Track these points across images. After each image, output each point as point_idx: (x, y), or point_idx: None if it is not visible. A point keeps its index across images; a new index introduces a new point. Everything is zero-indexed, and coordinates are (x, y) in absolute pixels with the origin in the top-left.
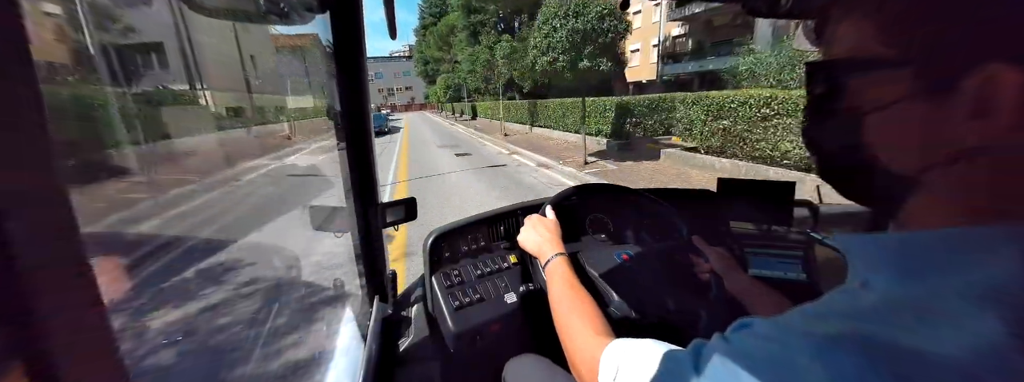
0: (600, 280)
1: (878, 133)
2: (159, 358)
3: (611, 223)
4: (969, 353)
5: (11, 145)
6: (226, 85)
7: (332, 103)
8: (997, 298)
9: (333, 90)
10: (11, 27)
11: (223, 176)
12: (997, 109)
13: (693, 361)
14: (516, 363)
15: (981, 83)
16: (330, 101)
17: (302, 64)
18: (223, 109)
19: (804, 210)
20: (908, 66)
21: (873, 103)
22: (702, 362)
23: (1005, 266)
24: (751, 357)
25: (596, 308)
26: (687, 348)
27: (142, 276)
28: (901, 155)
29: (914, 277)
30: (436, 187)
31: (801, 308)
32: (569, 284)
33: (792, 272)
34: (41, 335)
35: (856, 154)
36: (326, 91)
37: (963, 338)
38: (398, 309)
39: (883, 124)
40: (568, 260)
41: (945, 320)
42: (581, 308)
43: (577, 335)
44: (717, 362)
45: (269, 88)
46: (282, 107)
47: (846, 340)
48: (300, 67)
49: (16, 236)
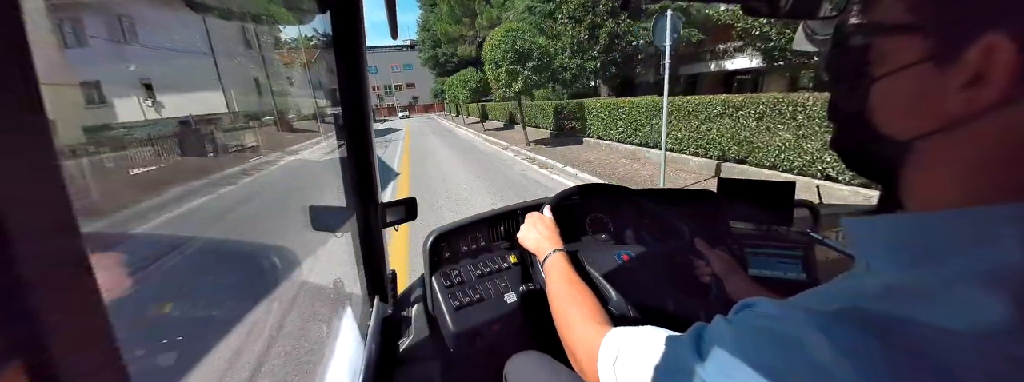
0: (600, 279)
1: (882, 98)
2: (159, 358)
3: (611, 223)
4: (973, 333)
5: (11, 145)
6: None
7: (332, 103)
8: (1002, 280)
9: (333, 90)
10: (11, 27)
11: (223, 176)
12: (987, 80)
13: (694, 344)
14: (517, 360)
15: (982, 52)
16: (331, 101)
17: (303, 65)
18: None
19: (804, 210)
20: (923, 30)
21: (884, 68)
22: (703, 344)
23: (1010, 248)
24: (755, 335)
25: (595, 300)
26: (688, 331)
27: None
28: (899, 122)
29: (918, 258)
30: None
31: (807, 292)
32: (567, 278)
33: (792, 272)
34: (41, 335)
35: (862, 119)
36: (327, 91)
37: (967, 318)
38: (398, 309)
39: (888, 90)
40: (567, 256)
41: (949, 301)
42: (579, 300)
43: (576, 326)
44: (719, 342)
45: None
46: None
47: (851, 316)
48: (300, 68)
49: (16, 236)
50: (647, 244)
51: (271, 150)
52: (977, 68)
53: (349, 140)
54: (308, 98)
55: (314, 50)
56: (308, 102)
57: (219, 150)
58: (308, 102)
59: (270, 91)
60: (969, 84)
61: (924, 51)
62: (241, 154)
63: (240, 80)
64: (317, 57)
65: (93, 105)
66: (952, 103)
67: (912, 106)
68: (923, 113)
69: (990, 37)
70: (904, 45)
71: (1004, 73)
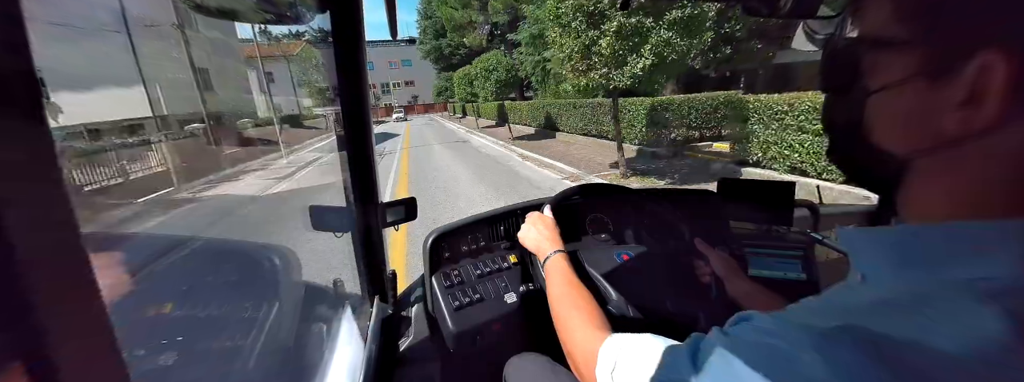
0: (600, 279)
1: (878, 113)
2: (159, 358)
3: (611, 223)
4: (968, 348)
5: (11, 145)
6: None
7: (332, 103)
8: (998, 294)
9: (333, 90)
10: (11, 27)
11: (224, 175)
12: (984, 99)
13: (691, 355)
14: (517, 361)
15: (977, 69)
16: (330, 101)
17: (304, 65)
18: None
19: (804, 210)
20: (917, 46)
21: (878, 82)
22: (700, 356)
23: (1006, 262)
24: (750, 350)
25: (595, 304)
26: (685, 342)
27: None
28: (895, 137)
29: (913, 271)
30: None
31: (802, 303)
32: (568, 281)
33: (792, 272)
34: (41, 335)
35: (858, 133)
36: (326, 91)
37: (962, 333)
38: (398, 309)
39: (884, 105)
40: (567, 257)
41: (944, 315)
42: (580, 304)
43: (575, 330)
44: (715, 356)
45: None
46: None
47: (845, 334)
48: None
49: (16, 236)
50: (647, 244)
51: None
52: (973, 87)
53: (349, 140)
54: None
55: (313, 50)
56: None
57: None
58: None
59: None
60: (965, 103)
61: (918, 67)
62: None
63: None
64: (316, 58)
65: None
66: (948, 121)
67: (907, 122)
68: (919, 130)
69: (986, 55)
70: (898, 60)
71: (1001, 92)
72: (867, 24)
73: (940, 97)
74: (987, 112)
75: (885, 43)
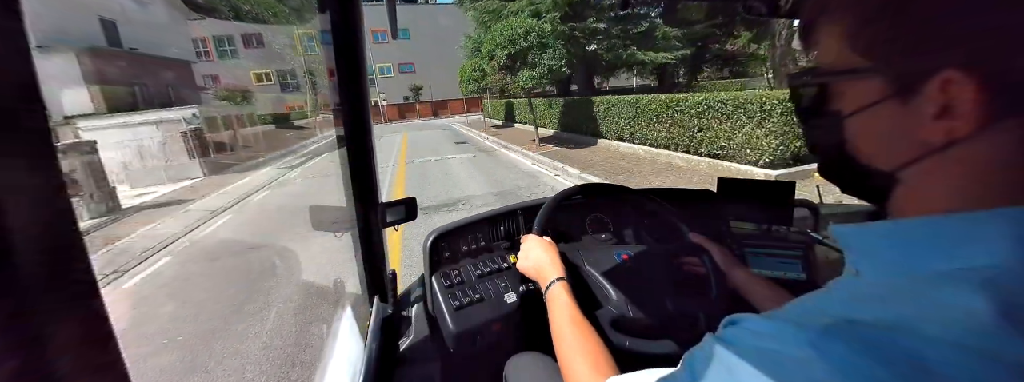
0: (600, 279)
1: (858, 134)
2: (160, 358)
3: (611, 223)
4: (958, 335)
5: (11, 145)
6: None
7: (332, 103)
8: (985, 283)
9: (333, 90)
10: (11, 27)
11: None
12: (955, 111)
13: (689, 372)
14: (517, 360)
15: (940, 86)
16: (330, 101)
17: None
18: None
19: (804, 210)
20: (876, 72)
21: (850, 106)
22: (697, 368)
23: (993, 251)
24: (745, 354)
25: (598, 343)
26: (679, 366)
27: (142, 275)
28: (880, 155)
29: (904, 263)
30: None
31: (796, 301)
32: (571, 318)
33: (792, 272)
34: (41, 335)
35: (844, 153)
36: (325, 91)
37: (952, 321)
38: (398, 309)
39: (862, 126)
40: (568, 287)
41: (934, 304)
42: (582, 345)
43: (578, 372)
44: (712, 365)
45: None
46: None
47: (841, 329)
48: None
49: (16, 236)
50: (647, 244)
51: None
52: (941, 101)
53: (349, 140)
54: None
55: (312, 50)
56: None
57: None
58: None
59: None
60: (940, 116)
61: (885, 91)
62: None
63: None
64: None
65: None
66: (928, 133)
67: (887, 139)
68: (904, 144)
69: (945, 72)
70: (865, 86)
71: (969, 103)
72: (824, 55)
73: (915, 113)
74: (966, 119)
75: (848, 72)
